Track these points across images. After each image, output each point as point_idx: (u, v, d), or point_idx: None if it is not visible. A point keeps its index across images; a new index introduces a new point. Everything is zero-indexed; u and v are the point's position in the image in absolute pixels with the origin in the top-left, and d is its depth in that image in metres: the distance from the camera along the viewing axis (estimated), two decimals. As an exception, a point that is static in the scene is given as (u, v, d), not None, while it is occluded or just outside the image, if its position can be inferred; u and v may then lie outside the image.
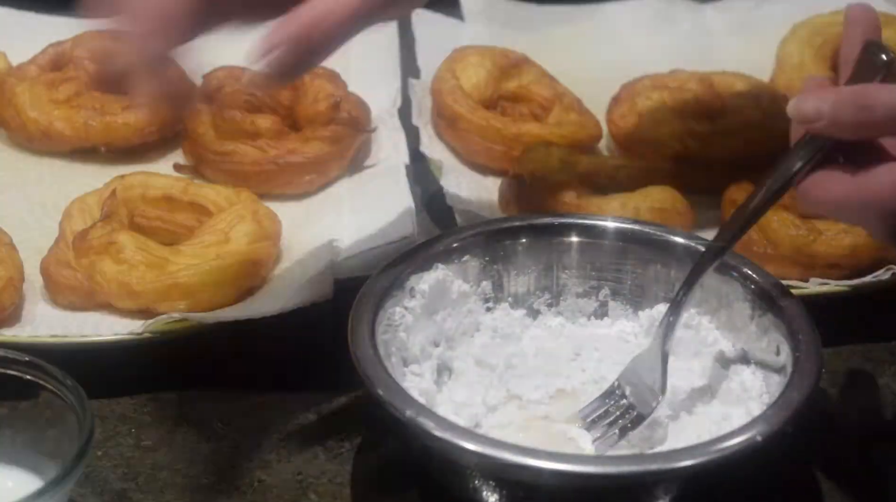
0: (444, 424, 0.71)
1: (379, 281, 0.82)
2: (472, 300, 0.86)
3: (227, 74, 1.11)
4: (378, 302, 0.80)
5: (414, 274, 0.83)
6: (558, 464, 0.68)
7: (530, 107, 1.15)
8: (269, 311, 0.88)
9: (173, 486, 0.81)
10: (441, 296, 0.85)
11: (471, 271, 0.86)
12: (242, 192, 1.00)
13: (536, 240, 0.88)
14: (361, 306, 0.80)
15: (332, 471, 0.83)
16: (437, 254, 0.85)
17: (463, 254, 0.86)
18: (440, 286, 0.85)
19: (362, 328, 0.78)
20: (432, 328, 0.84)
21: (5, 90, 1.12)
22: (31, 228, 1.01)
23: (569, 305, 0.89)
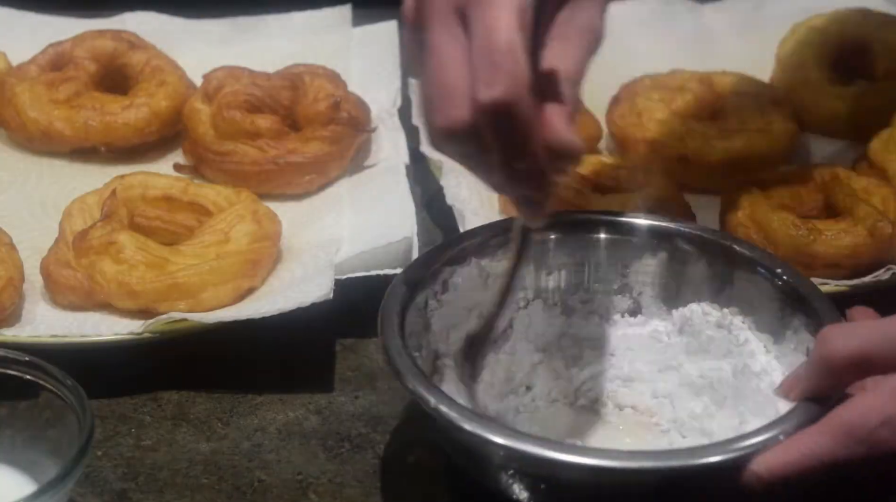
0: (468, 415, 0.71)
1: (411, 273, 0.81)
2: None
3: (227, 74, 1.11)
4: (410, 294, 0.79)
5: (448, 266, 0.83)
6: (591, 459, 0.68)
7: (530, 107, 1.15)
8: (269, 311, 0.88)
9: (173, 486, 0.81)
10: (474, 291, 0.84)
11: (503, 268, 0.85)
12: (242, 192, 1.00)
13: (567, 237, 0.87)
14: (391, 299, 0.79)
15: (332, 471, 0.83)
16: (472, 248, 0.84)
17: (497, 250, 0.85)
18: (473, 281, 0.84)
19: (392, 320, 0.77)
20: (465, 323, 0.84)
21: (5, 90, 1.12)
22: (31, 228, 1.01)
23: (602, 303, 0.88)
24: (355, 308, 0.95)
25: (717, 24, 1.34)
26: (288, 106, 1.10)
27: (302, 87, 1.10)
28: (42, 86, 1.12)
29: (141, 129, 1.10)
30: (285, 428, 0.86)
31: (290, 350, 0.92)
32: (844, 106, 1.16)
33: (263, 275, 0.95)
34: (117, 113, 1.10)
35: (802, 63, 1.20)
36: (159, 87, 1.12)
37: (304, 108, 1.09)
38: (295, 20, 1.30)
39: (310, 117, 1.08)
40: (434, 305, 0.82)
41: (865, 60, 1.24)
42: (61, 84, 1.12)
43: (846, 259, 0.96)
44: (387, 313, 0.78)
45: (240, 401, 0.88)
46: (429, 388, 0.72)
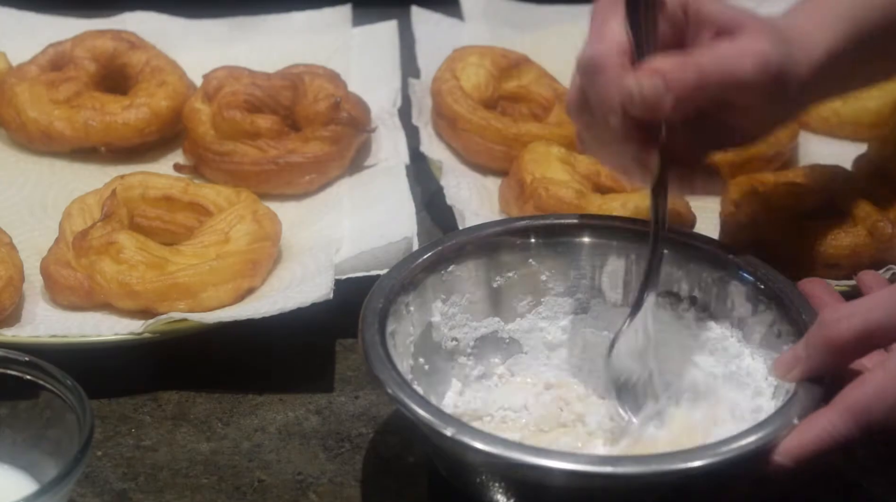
0: (451, 422, 0.70)
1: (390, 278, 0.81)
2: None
3: (227, 74, 1.11)
4: (393, 295, 0.80)
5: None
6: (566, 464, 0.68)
7: (530, 107, 1.15)
8: (269, 311, 0.88)
9: (173, 486, 0.81)
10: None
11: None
12: (242, 192, 1.00)
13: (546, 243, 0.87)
14: (372, 302, 0.79)
15: (332, 471, 0.83)
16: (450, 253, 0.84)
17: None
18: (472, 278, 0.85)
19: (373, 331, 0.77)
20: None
21: (5, 90, 1.12)
22: (31, 228, 1.01)
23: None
24: (355, 308, 0.95)
25: (717, 24, 1.34)
26: (288, 106, 1.10)
27: (302, 87, 1.10)
28: (42, 86, 1.12)
29: (141, 129, 1.10)
30: (285, 428, 0.86)
31: (290, 350, 0.92)
32: (844, 106, 1.16)
33: (263, 275, 0.95)
34: (117, 113, 1.10)
35: (802, 63, 1.20)
36: (159, 87, 1.12)
37: (304, 108, 1.09)
38: (295, 20, 1.30)
39: (310, 117, 1.08)
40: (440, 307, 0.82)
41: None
42: (61, 84, 1.12)
43: (846, 259, 0.96)
44: (368, 314, 0.78)
45: (240, 401, 0.88)
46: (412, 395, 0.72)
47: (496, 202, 1.05)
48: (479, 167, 1.11)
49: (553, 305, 0.86)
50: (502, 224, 0.88)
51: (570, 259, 0.86)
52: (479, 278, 0.85)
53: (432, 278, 0.82)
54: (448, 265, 0.83)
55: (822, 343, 0.71)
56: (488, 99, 1.14)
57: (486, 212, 1.02)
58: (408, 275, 0.81)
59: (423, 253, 0.83)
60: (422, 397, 0.72)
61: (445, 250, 0.84)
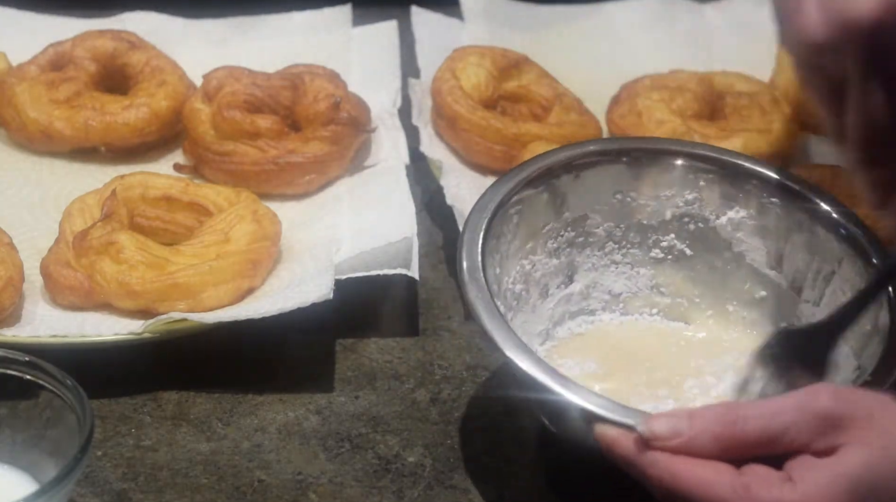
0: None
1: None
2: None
3: (227, 74, 1.11)
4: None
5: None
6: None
7: (530, 107, 1.15)
8: (269, 311, 0.88)
9: (173, 486, 0.81)
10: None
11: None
12: (242, 192, 1.00)
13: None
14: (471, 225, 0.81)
15: (332, 471, 0.83)
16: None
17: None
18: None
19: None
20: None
21: (5, 90, 1.12)
22: (31, 228, 1.01)
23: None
24: (355, 308, 0.96)
25: (717, 23, 1.34)
26: (288, 106, 1.10)
27: (302, 87, 1.10)
28: (42, 86, 1.11)
29: (141, 129, 1.10)
30: (285, 428, 0.86)
31: (290, 350, 0.92)
32: (844, 106, 1.16)
33: (263, 275, 0.95)
34: (117, 113, 1.10)
35: (802, 63, 1.20)
36: (159, 87, 1.12)
37: (304, 108, 1.09)
38: (295, 20, 1.30)
39: (310, 117, 1.08)
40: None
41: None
42: (61, 84, 1.12)
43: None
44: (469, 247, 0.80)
45: (240, 401, 0.88)
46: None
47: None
48: (479, 167, 1.11)
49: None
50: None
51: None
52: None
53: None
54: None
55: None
56: (488, 99, 1.14)
57: (487, 213, 1.02)
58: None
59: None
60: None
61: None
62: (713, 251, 0.90)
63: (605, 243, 0.90)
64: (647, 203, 0.89)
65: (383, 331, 0.96)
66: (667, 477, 0.67)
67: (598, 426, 0.70)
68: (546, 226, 0.87)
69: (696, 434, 0.67)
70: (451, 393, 0.90)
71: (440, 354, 0.94)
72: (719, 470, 0.67)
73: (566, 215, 0.88)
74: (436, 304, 0.99)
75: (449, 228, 1.02)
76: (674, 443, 0.67)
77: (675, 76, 1.16)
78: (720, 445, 0.67)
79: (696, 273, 0.91)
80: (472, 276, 0.78)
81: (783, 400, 0.69)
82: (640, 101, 1.12)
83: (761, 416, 0.67)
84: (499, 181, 0.85)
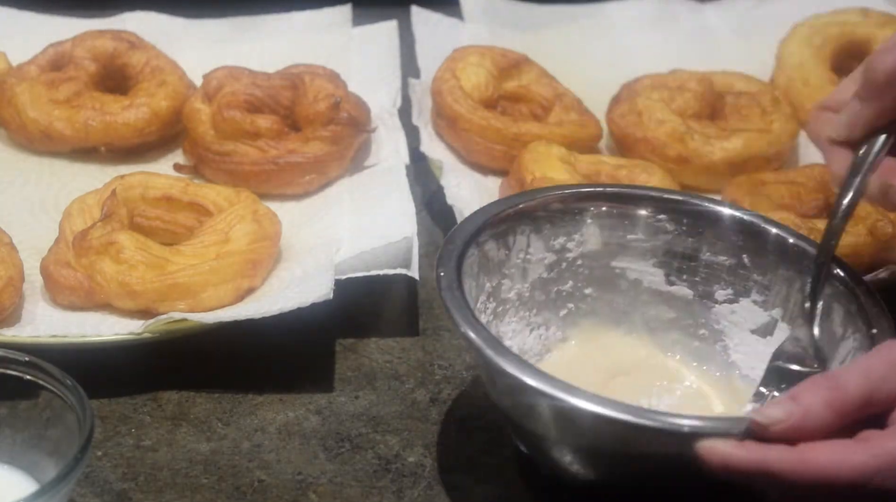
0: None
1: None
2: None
3: (227, 74, 1.11)
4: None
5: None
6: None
7: (530, 106, 1.15)
8: (269, 311, 0.88)
9: (173, 486, 0.81)
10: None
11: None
12: (242, 192, 1.00)
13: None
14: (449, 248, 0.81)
15: (332, 471, 0.83)
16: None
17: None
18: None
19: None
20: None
21: (5, 90, 1.12)
22: (31, 228, 1.01)
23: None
24: (355, 308, 0.96)
25: (718, 23, 1.34)
26: (288, 106, 1.10)
27: (302, 87, 1.10)
28: (42, 86, 1.11)
29: (141, 129, 1.10)
30: (285, 428, 0.86)
31: (290, 350, 0.92)
32: (844, 106, 1.16)
33: (263, 275, 0.95)
34: (117, 113, 1.10)
35: (802, 63, 1.20)
36: (159, 87, 1.12)
37: (304, 108, 1.09)
38: (295, 20, 1.30)
39: (310, 117, 1.08)
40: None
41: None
42: (61, 84, 1.12)
43: (846, 258, 0.95)
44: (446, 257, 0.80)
45: (240, 401, 0.88)
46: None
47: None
48: (480, 167, 1.11)
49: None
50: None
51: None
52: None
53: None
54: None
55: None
56: (488, 99, 1.14)
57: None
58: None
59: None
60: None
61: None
62: (611, 287, 0.89)
63: (518, 309, 0.88)
64: (544, 256, 0.88)
65: (383, 331, 0.96)
66: (799, 469, 0.65)
67: (703, 443, 0.67)
68: (478, 299, 0.84)
69: (808, 407, 0.66)
70: (451, 394, 0.90)
71: (440, 354, 0.94)
72: (847, 447, 0.66)
73: (487, 286, 0.85)
74: (436, 304, 0.99)
75: (449, 228, 1.02)
76: (793, 422, 0.66)
77: (675, 76, 1.16)
78: (833, 411, 0.66)
79: (602, 315, 0.90)
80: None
81: (867, 359, 0.70)
82: (640, 100, 1.12)
83: (858, 375, 0.68)
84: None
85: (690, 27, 1.34)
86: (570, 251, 0.88)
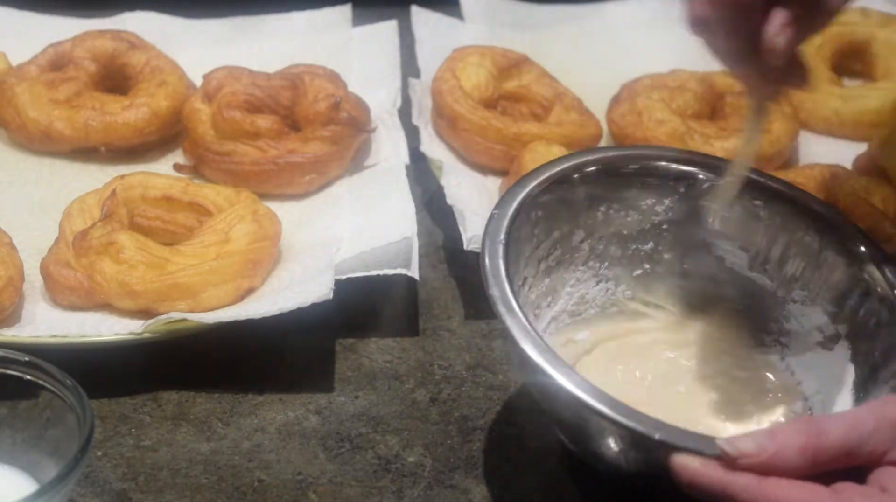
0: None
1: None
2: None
3: (227, 74, 1.11)
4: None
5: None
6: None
7: (530, 106, 1.15)
8: (269, 311, 0.88)
9: (173, 486, 0.81)
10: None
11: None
12: (242, 192, 1.00)
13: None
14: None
15: (331, 471, 0.83)
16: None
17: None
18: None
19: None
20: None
21: (5, 90, 1.12)
22: (31, 228, 1.01)
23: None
24: (355, 308, 0.96)
25: (718, 23, 1.34)
26: (288, 106, 1.10)
27: (302, 87, 1.10)
28: (42, 86, 1.11)
29: (141, 129, 1.10)
30: (285, 428, 0.86)
31: (290, 350, 0.92)
32: (845, 105, 1.16)
33: (263, 275, 0.95)
34: (117, 113, 1.10)
35: (802, 63, 1.20)
36: (159, 87, 1.12)
37: (304, 108, 1.09)
38: (295, 20, 1.30)
39: (310, 117, 1.08)
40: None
41: (865, 60, 1.24)
42: (61, 84, 1.12)
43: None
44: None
45: (240, 401, 0.88)
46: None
47: (496, 201, 1.05)
48: (479, 167, 1.11)
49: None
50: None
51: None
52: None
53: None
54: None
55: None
56: (488, 99, 1.14)
57: (486, 212, 1.02)
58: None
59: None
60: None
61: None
62: (694, 257, 0.89)
63: (588, 259, 0.89)
64: (629, 213, 0.88)
65: (383, 331, 0.96)
66: (761, 501, 0.65)
67: (675, 457, 0.67)
68: (539, 245, 0.86)
69: (781, 447, 0.66)
70: (451, 394, 0.90)
71: (440, 354, 0.94)
72: (815, 491, 0.66)
73: (555, 234, 0.86)
74: (436, 304, 0.99)
75: (449, 228, 1.02)
76: (762, 459, 0.66)
77: (675, 76, 1.16)
78: (805, 457, 0.66)
79: (675, 285, 0.90)
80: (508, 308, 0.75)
81: (860, 411, 0.69)
82: (641, 100, 1.12)
83: (842, 426, 0.67)
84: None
85: (691, 27, 1.33)
86: (657, 214, 0.88)
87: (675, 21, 1.33)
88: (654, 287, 0.90)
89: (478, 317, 0.98)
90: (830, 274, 0.84)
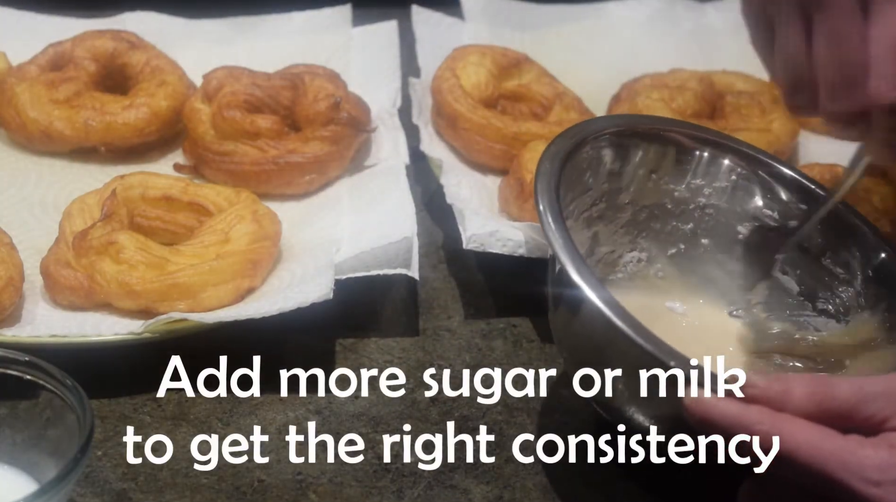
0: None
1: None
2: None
3: (226, 74, 1.11)
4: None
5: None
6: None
7: (530, 106, 1.15)
8: (269, 311, 0.88)
9: (173, 486, 0.81)
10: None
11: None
12: (242, 192, 1.00)
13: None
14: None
15: (332, 471, 0.83)
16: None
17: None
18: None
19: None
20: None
21: (5, 90, 1.12)
22: (31, 228, 1.01)
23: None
24: (355, 308, 0.95)
25: (718, 23, 1.34)
26: (288, 106, 1.10)
27: (302, 87, 1.10)
28: (42, 86, 1.11)
29: (141, 129, 1.10)
30: (285, 428, 0.86)
31: (290, 350, 0.92)
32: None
33: (263, 275, 0.95)
34: (117, 113, 1.10)
35: (802, 62, 1.20)
36: (159, 87, 1.12)
37: (304, 108, 1.09)
38: (295, 20, 1.30)
39: (310, 117, 1.08)
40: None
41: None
42: (61, 84, 1.12)
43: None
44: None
45: (240, 401, 0.88)
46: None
47: (496, 201, 1.05)
48: (479, 166, 1.11)
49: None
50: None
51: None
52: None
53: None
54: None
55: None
56: (488, 98, 1.14)
57: (486, 211, 1.02)
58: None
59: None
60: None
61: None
62: (727, 248, 0.89)
63: (628, 223, 0.89)
64: (677, 188, 0.88)
65: (383, 331, 0.96)
66: (774, 436, 0.66)
67: (688, 393, 0.67)
68: (586, 192, 0.85)
69: (790, 388, 0.67)
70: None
71: (440, 354, 0.94)
72: (827, 431, 0.66)
73: (604, 186, 0.86)
74: (436, 304, 0.99)
75: (449, 228, 1.02)
76: (770, 393, 0.66)
77: (675, 75, 1.16)
78: (813, 401, 0.67)
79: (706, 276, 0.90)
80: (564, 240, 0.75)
81: (870, 377, 0.71)
82: (641, 100, 1.12)
83: (851, 385, 0.68)
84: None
85: (690, 27, 1.33)
86: (703, 196, 0.88)
87: (675, 21, 1.34)
88: (687, 274, 0.89)
89: (478, 316, 0.98)
90: (867, 293, 0.85)
